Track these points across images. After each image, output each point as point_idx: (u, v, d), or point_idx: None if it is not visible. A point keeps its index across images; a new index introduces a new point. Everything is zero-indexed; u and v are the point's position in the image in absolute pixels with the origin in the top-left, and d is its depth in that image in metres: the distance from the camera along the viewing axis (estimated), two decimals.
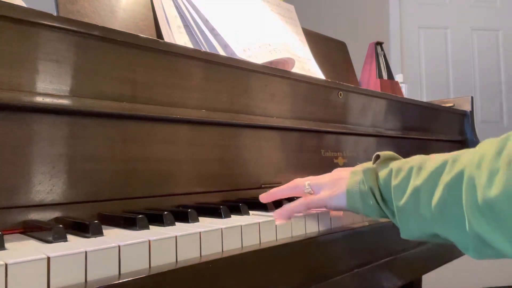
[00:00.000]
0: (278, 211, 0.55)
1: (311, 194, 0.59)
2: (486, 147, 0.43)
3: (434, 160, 0.49)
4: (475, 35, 3.10)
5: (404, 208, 0.49)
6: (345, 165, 0.97)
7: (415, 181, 0.48)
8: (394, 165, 0.53)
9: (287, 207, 0.56)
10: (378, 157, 0.56)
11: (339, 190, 0.56)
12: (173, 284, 0.39)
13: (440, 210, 0.45)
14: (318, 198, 0.57)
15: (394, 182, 0.51)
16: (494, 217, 0.39)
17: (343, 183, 0.56)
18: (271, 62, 0.88)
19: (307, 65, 1.09)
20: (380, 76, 1.48)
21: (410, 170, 0.50)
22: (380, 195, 0.52)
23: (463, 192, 0.42)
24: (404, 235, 0.52)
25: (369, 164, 0.56)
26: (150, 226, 0.47)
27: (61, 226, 0.41)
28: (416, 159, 0.52)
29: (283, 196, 0.62)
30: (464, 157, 0.45)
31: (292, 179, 0.63)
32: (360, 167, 0.57)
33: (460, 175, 0.44)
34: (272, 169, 0.81)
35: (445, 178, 0.45)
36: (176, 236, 0.42)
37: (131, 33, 0.61)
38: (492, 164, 0.40)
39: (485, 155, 0.41)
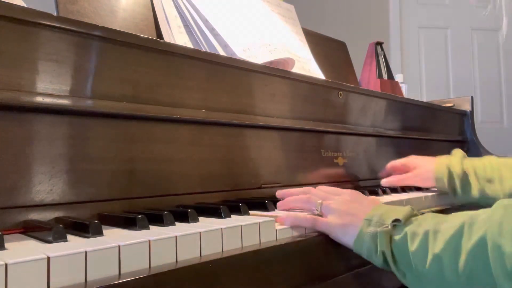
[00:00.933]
0: (284, 216, 0.56)
1: (319, 214, 0.59)
2: (502, 211, 0.44)
3: (448, 223, 0.49)
4: (475, 35, 3.10)
5: (427, 275, 0.49)
6: (345, 165, 0.97)
7: (434, 248, 0.48)
8: (409, 228, 0.52)
9: (294, 218, 0.56)
10: (398, 220, 0.54)
11: (349, 230, 0.56)
12: (173, 284, 0.39)
13: (468, 278, 0.45)
14: (327, 224, 0.57)
15: (412, 248, 0.50)
16: None
17: (355, 225, 0.55)
18: (271, 62, 0.88)
19: (307, 65, 1.09)
20: (380, 76, 1.48)
21: (426, 235, 0.50)
22: (392, 258, 0.52)
23: (491, 261, 0.43)
24: None
25: (385, 217, 0.54)
26: (150, 226, 0.47)
27: (61, 226, 0.41)
28: (429, 221, 0.51)
29: (295, 208, 0.63)
30: (480, 221, 0.45)
31: (292, 179, 0.63)
32: (376, 216, 0.55)
33: (482, 243, 0.44)
34: (272, 169, 0.81)
35: (467, 245, 0.45)
36: (176, 236, 0.42)
37: (131, 33, 0.61)
38: None
39: (504, 219, 0.43)
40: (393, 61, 2.90)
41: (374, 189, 0.85)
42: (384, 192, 0.87)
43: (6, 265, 0.31)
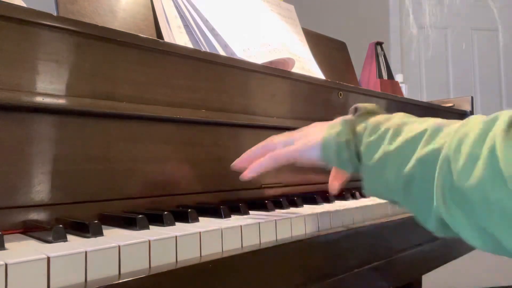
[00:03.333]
0: (246, 170, 0.54)
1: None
2: (471, 126, 0.39)
3: (412, 126, 0.46)
4: (475, 35, 3.10)
5: (370, 168, 0.48)
6: None
7: (388, 146, 0.46)
8: (372, 120, 0.50)
9: (255, 165, 0.54)
10: (356, 109, 0.53)
11: (313, 141, 0.53)
12: (173, 284, 0.39)
13: (406, 183, 0.44)
14: (288, 149, 0.54)
15: (367, 139, 0.49)
16: (464, 206, 0.37)
17: (319, 135, 0.53)
18: (271, 62, 0.88)
19: (307, 65, 1.09)
20: (380, 76, 1.48)
21: (386, 132, 0.47)
22: (355, 150, 0.50)
23: (436, 172, 0.40)
24: (366, 191, 0.51)
25: (348, 116, 0.53)
26: (150, 226, 0.47)
27: (61, 226, 0.41)
28: (395, 120, 0.49)
29: (256, 157, 0.58)
30: (445, 131, 0.42)
31: (292, 179, 0.63)
32: (338, 119, 0.53)
33: (435, 153, 0.41)
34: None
35: (420, 151, 0.43)
36: (176, 236, 0.42)
37: (131, 33, 0.61)
38: (472, 149, 0.37)
39: (467, 136, 0.38)
40: (393, 61, 2.90)
41: None
42: None
43: (6, 265, 0.31)
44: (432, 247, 0.80)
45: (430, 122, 0.45)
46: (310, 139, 0.54)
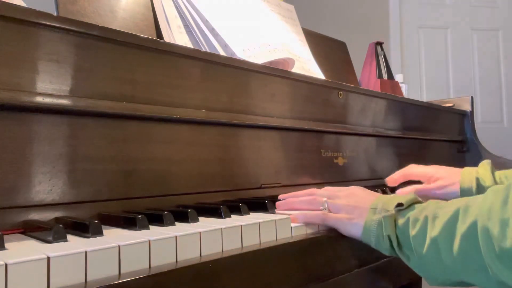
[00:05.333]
0: (296, 215, 0.58)
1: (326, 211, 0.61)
2: (492, 197, 0.46)
3: (446, 208, 0.51)
4: (475, 35, 3.10)
5: (426, 257, 0.51)
6: (345, 165, 0.97)
7: (432, 232, 0.50)
8: (411, 214, 0.54)
9: (306, 216, 0.58)
10: (401, 204, 0.56)
11: (356, 221, 0.58)
12: (173, 284, 0.39)
13: (462, 260, 0.47)
14: (336, 219, 0.59)
15: (412, 232, 0.53)
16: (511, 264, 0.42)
17: (362, 215, 0.58)
18: (271, 62, 0.88)
19: (307, 65, 1.09)
20: (380, 76, 1.48)
21: (426, 220, 0.52)
22: (397, 242, 0.54)
23: (480, 243, 0.45)
24: (430, 282, 0.53)
25: (389, 204, 0.56)
26: (150, 226, 0.47)
27: (61, 226, 0.41)
28: (430, 207, 0.53)
29: (299, 209, 0.63)
30: (474, 206, 0.47)
31: (292, 179, 0.63)
32: (380, 204, 0.57)
33: (474, 226, 0.46)
34: (272, 169, 0.81)
35: (460, 228, 0.47)
36: (176, 236, 0.42)
37: (131, 33, 0.61)
38: (501, 215, 0.43)
39: (493, 204, 0.44)
40: (393, 61, 2.90)
41: (374, 190, 0.85)
42: (384, 192, 0.87)
43: (6, 265, 0.31)
44: None
45: (459, 202, 0.50)
46: (353, 217, 0.58)
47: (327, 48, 1.32)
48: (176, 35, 0.84)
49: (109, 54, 0.59)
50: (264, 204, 0.63)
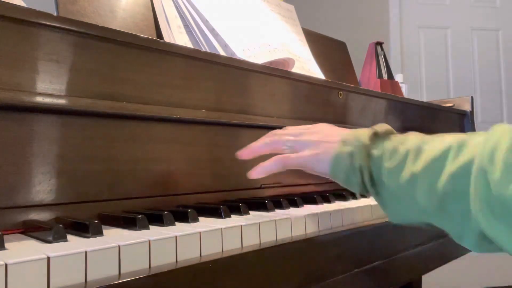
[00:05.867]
0: (253, 170, 0.52)
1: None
2: (499, 135, 0.38)
3: (435, 143, 0.45)
4: (475, 35, 3.10)
5: (397, 193, 0.46)
6: None
7: (413, 167, 0.44)
8: (388, 145, 0.49)
9: (261, 167, 0.53)
10: (376, 133, 0.51)
11: (324, 155, 0.52)
12: (173, 284, 0.39)
13: (440, 201, 0.42)
14: (298, 157, 0.53)
15: (387, 164, 0.47)
16: (506, 215, 0.36)
17: (330, 149, 0.52)
18: (271, 62, 0.88)
19: (307, 65, 1.09)
20: (380, 76, 1.48)
21: (406, 154, 0.46)
22: (369, 176, 0.49)
23: (472, 186, 0.39)
24: (393, 218, 0.49)
25: (361, 135, 0.51)
26: (150, 226, 0.47)
27: (61, 226, 0.41)
28: (412, 140, 0.48)
29: (262, 153, 0.57)
30: (472, 144, 0.41)
31: (293, 179, 0.62)
32: (351, 136, 0.51)
33: (468, 166, 0.39)
34: None
35: (450, 167, 0.41)
36: (176, 236, 0.42)
37: (131, 33, 0.61)
38: (508, 158, 0.36)
39: (498, 145, 0.37)
40: (393, 61, 2.90)
41: None
42: None
43: (6, 265, 0.31)
44: (432, 247, 0.80)
45: (451, 138, 0.44)
46: (320, 152, 0.52)
47: (327, 48, 1.32)
48: (176, 35, 0.84)
49: (109, 54, 0.59)
50: (264, 204, 0.63)
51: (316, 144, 0.53)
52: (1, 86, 0.48)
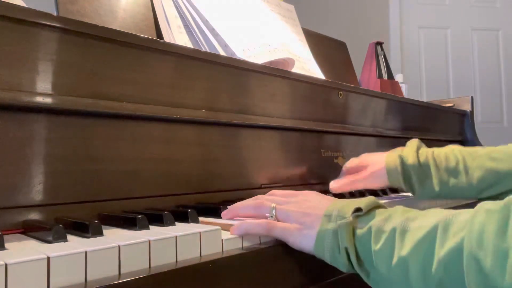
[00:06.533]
0: (237, 224, 0.49)
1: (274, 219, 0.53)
2: (484, 218, 0.37)
3: (419, 221, 0.43)
4: (475, 35, 3.10)
5: (390, 278, 0.43)
6: None
7: (401, 250, 0.42)
8: (374, 222, 0.45)
9: (246, 225, 0.49)
10: (359, 209, 0.47)
11: (307, 231, 0.49)
12: (173, 284, 0.39)
13: (438, 286, 0.40)
14: (282, 229, 0.50)
15: (375, 247, 0.44)
16: None
17: (314, 224, 0.49)
18: (271, 62, 0.88)
19: (307, 65, 1.09)
20: (380, 76, 1.48)
21: (393, 233, 0.43)
22: (356, 256, 0.46)
23: (465, 274, 0.37)
24: None
25: (345, 209, 0.48)
26: (150, 226, 0.47)
27: (61, 226, 0.41)
28: (398, 215, 0.45)
29: (245, 216, 0.56)
30: (457, 225, 0.39)
31: (292, 179, 0.62)
32: (336, 210, 0.48)
33: (457, 251, 0.38)
34: (272, 169, 0.81)
35: (439, 252, 0.39)
36: (176, 236, 0.42)
37: (131, 33, 0.61)
38: (497, 244, 0.35)
39: (485, 229, 0.36)
40: (393, 61, 2.90)
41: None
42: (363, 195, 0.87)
43: (6, 265, 0.31)
44: None
45: (436, 215, 0.42)
46: (304, 227, 0.49)
47: (327, 48, 1.32)
48: (176, 35, 0.84)
49: (109, 54, 0.59)
50: None
51: (301, 216, 0.51)
52: (1, 86, 0.48)
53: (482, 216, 0.37)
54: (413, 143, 0.82)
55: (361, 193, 0.85)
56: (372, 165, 0.81)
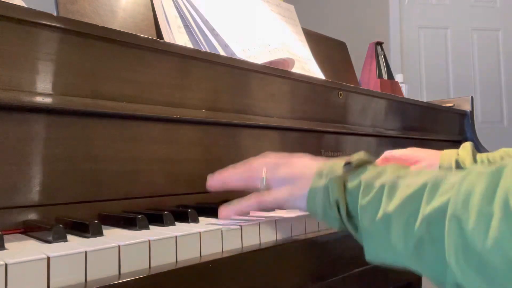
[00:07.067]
0: (225, 209, 0.49)
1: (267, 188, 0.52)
2: (474, 178, 0.35)
3: (410, 179, 0.42)
4: (475, 35, 3.10)
5: (372, 232, 0.43)
6: None
7: (387, 206, 0.41)
8: (364, 177, 0.45)
9: (236, 208, 0.49)
10: (349, 163, 0.47)
11: (299, 191, 0.49)
12: (173, 284, 0.39)
13: (416, 247, 0.39)
14: (274, 198, 0.50)
15: (362, 201, 0.44)
16: (482, 270, 0.33)
17: (305, 184, 0.49)
18: (271, 62, 0.88)
19: (307, 65, 1.09)
20: (380, 76, 1.48)
21: (381, 189, 0.43)
22: (346, 210, 0.46)
23: (446, 233, 0.36)
24: (370, 257, 0.45)
25: (336, 165, 0.48)
26: (150, 226, 0.47)
27: (61, 226, 0.41)
28: (389, 173, 0.44)
29: (234, 188, 0.54)
30: (447, 183, 0.38)
31: None
32: (326, 167, 0.48)
33: (442, 210, 0.36)
34: None
35: (425, 210, 0.38)
36: (176, 236, 0.42)
37: (131, 33, 0.61)
38: (482, 206, 0.33)
39: (473, 190, 0.34)
40: (393, 61, 2.90)
41: None
42: None
43: (6, 265, 0.31)
44: None
45: (427, 175, 0.41)
46: (296, 189, 0.49)
47: (327, 48, 1.32)
48: (176, 35, 0.84)
49: (109, 54, 0.59)
50: None
51: (292, 179, 0.50)
52: (1, 86, 0.48)
53: (472, 178, 0.36)
54: (468, 146, 0.79)
55: None
56: (422, 161, 0.79)
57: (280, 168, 0.53)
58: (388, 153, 0.87)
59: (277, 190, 0.51)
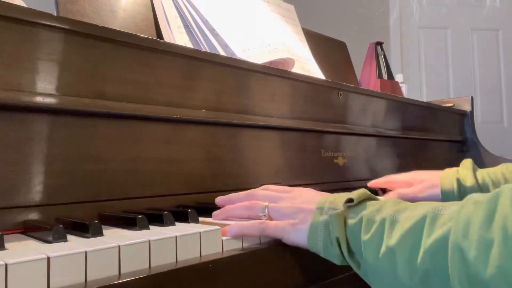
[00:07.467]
0: (229, 227, 0.49)
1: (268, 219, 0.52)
2: (472, 208, 0.36)
3: (409, 212, 0.42)
4: (475, 35, 3.10)
5: (378, 269, 0.43)
6: (345, 165, 0.97)
7: (389, 240, 0.42)
8: (365, 213, 0.46)
9: (239, 227, 0.49)
10: (351, 200, 0.48)
11: (301, 225, 0.49)
12: (173, 284, 0.39)
13: (422, 280, 0.39)
14: (276, 227, 0.50)
15: (364, 237, 0.44)
16: None
17: (307, 218, 0.49)
18: (271, 62, 0.88)
19: (307, 65, 1.09)
20: (380, 76, 1.48)
21: (382, 224, 0.43)
22: (347, 247, 0.46)
23: (449, 264, 0.36)
24: None
25: (337, 201, 0.49)
26: (150, 226, 0.47)
27: (61, 226, 0.41)
28: (389, 206, 0.45)
29: (237, 217, 0.55)
30: (446, 216, 0.39)
31: (292, 179, 0.62)
32: (327, 203, 0.49)
33: (443, 242, 0.37)
34: (272, 169, 0.81)
35: (426, 242, 0.39)
36: (176, 236, 0.42)
37: (131, 33, 0.61)
38: (482, 234, 0.34)
39: (472, 219, 0.35)
40: (393, 61, 2.90)
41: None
42: (377, 194, 0.87)
43: (6, 265, 0.31)
44: None
45: (425, 207, 0.42)
46: (297, 223, 0.50)
47: (327, 48, 1.32)
48: (176, 35, 0.84)
49: (109, 54, 0.59)
50: None
51: (292, 213, 0.51)
52: (1, 86, 0.48)
53: (469, 207, 0.37)
54: (467, 163, 0.80)
55: None
56: (426, 182, 0.80)
57: (283, 200, 0.54)
58: (389, 177, 0.87)
59: (279, 221, 0.51)
